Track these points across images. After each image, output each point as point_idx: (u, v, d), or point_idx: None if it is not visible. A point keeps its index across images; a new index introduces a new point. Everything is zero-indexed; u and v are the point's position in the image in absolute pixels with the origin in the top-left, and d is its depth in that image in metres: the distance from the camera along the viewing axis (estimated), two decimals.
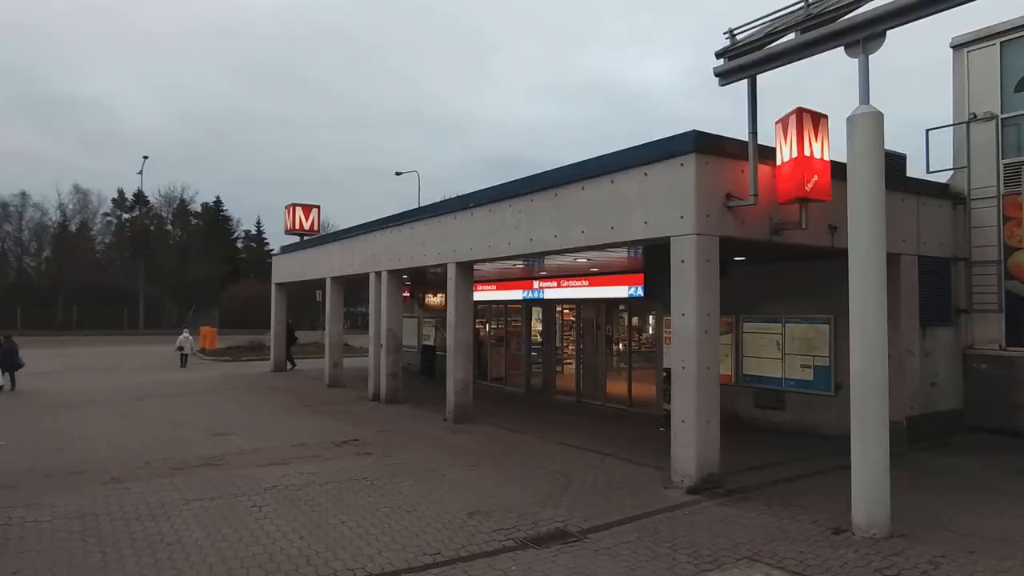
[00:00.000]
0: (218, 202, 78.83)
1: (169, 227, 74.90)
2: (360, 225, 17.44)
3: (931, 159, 12.04)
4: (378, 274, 16.19)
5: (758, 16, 7.95)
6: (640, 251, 13.01)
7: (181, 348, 26.06)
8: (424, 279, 21.25)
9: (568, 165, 10.32)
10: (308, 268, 20.98)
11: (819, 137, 8.42)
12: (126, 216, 71.48)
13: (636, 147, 9.08)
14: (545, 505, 7.55)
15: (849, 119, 6.77)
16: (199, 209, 76.45)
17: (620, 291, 15.58)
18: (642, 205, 8.83)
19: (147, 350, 35.68)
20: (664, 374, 13.39)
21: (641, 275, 15.05)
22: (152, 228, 72.23)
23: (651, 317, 15.60)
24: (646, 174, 8.78)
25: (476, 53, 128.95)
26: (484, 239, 12.09)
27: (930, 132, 12.02)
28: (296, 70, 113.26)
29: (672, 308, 8.39)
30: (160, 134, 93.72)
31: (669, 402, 13.29)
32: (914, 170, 11.86)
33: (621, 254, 13.06)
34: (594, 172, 9.62)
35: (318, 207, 23.69)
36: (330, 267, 19.11)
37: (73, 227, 68.16)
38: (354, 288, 25.27)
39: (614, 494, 8.02)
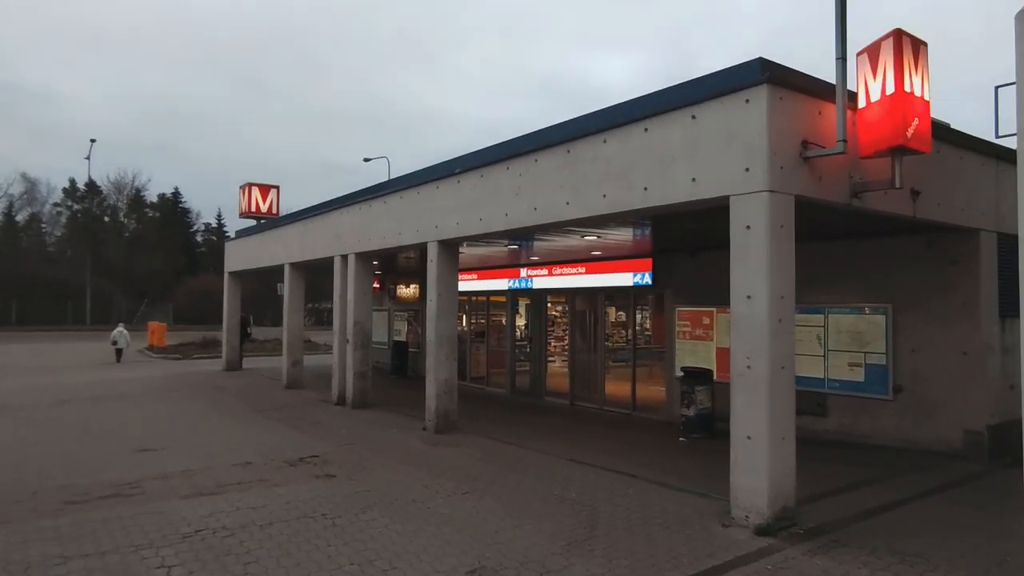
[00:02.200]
0: (176, 193, 75.20)
1: (123, 218, 71.05)
2: (324, 203, 15.18)
3: (1001, 121, 10.26)
4: (344, 258, 13.95)
5: None
6: (648, 231, 11.09)
7: (115, 342, 24.89)
8: (395, 267, 19.08)
9: (585, 114, 8.29)
10: (264, 254, 18.58)
11: (919, 70, 6.52)
12: (77, 207, 67.40)
13: (680, 84, 7.07)
14: (572, 555, 5.51)
15: (1021, 14, 4.84)
16: (155, 199, 72.81)
17: (623, 279, 13.66)
18: (688, 158, 6.83)
19: (89, 347, 32.68)
20: (681, 374, 11.50)
21: (649, 260, 13.16)
22: (106, 219, 68.41)
23: (639, 309, 13.69)
24: (694, 117, 6.78)
25: (432, 49, 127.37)
26: (474, 211, 9.99)
27: (1000, 89, 10.23)
28: (249, 64, 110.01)
29: (733, 290, 6.41)
30: (111, 127, 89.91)
31: (688, 407, 11.43)
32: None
33: (627, 236, 11.13)
34: (621, 120, 7.59)
35: (277, 187, 21.32)
36: (289, 252, 16.77)
37: (21, 218, 64.09)
38: (320, 281, 23.03)
39: (659, 536, 6.01)
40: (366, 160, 37.64)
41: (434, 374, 10.94)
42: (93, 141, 51.29)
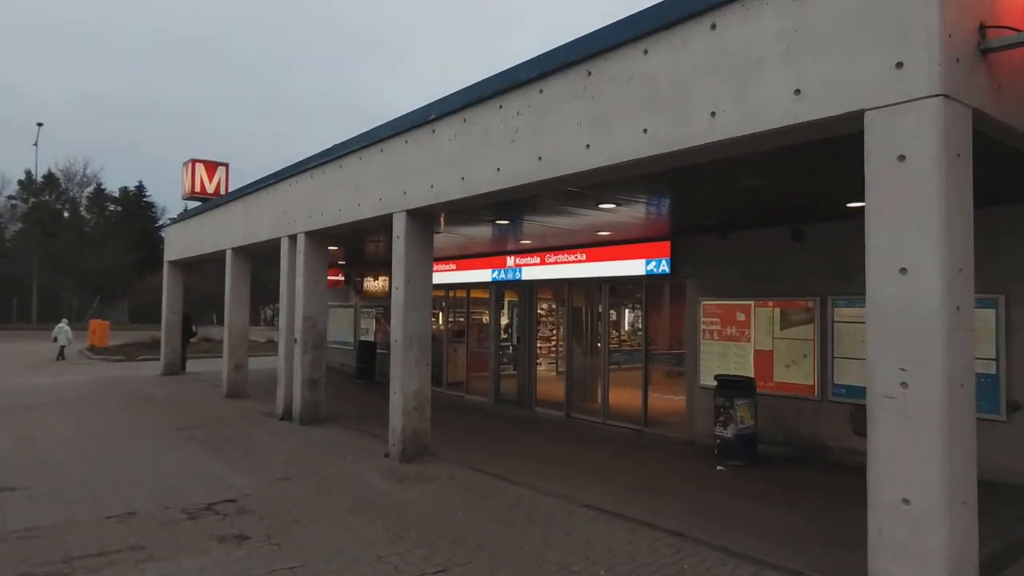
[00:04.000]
0: (140, 187, 71.45)
1: (84, 212, 67.31)
2: (271, 174, 12.56)
3: None
4: (292, 238, 11.37)
5: None
6: (666, 206, 8.75)
7: (55, 339, 23.80)
8: (362, 256, 16.53)
9: (614, 22, 5.84)
10: (205, 238, 15.86)
11: None
12: (34, 199, 63.38)
13: None
14: None
15: None
16: (116, 193, 69.05)
17: (633, 267, 11.29)
18: (787, 59, 4.43)
19: (27, 347, 29.51)
20: (714, 383, 9.14)
21: (666, 243, 10.81)
22: (67, 214, 64.74)
23: (652, 304, 11.32)
24: None
25: (400, 45, 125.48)
26: (454, 169, 7.51)
27: None
28: (214, 58, 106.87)
29: (871, 262, 4.02)
30: (74, 119, 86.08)
31: (725, 426, 9.04)
32: None
33: (650, 207, 8.78)
34: (672, 18, 5.17)
35: (225, 165, 18.60)
36: (231, 235, 14.10)
37: None
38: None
39: None
40: None
41: (401, 384, 8.43)
42: (40, 125, 47.92)
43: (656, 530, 5.74)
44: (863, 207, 7.76)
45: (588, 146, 5.83)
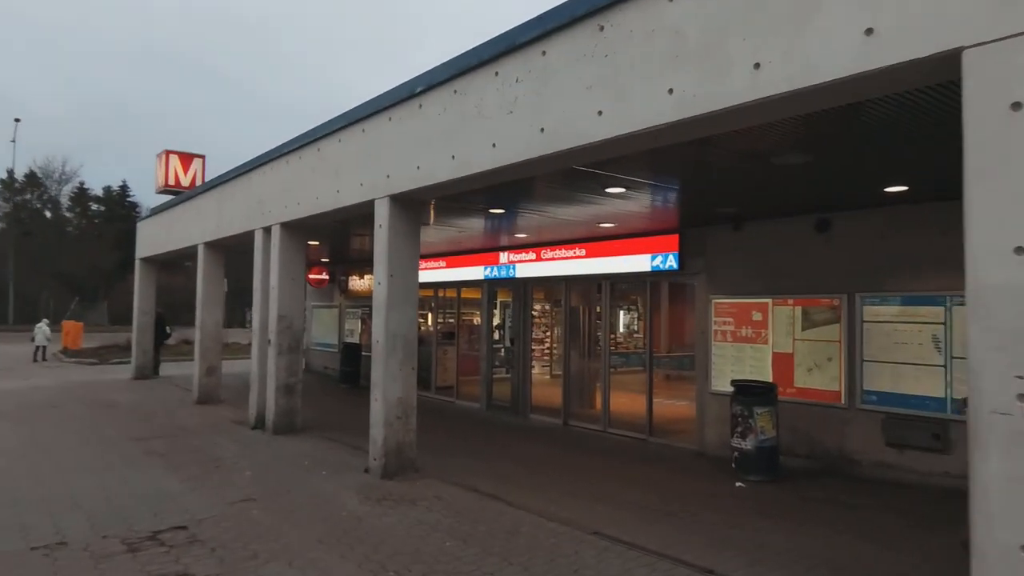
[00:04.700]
0: (124, 187, 69.93)
1: (67, 212, 65.89)
2: (245, 162, 11.60)
3: None
4: (267, 231, 10.43)
5: None
6: (681, 192, 7.92)
7: (33, 339, 23.67)
8: (347, 253, 15.61)
9: None
10: (176, 233, 14.84)
11: None
12: (17, 199, 61.86)
13: None
14: None
15: None
16: (100, 193, 67.61)
17: (637, 262, 10.45)
18: None
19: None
20: (732, 389, 8.28)
21: (674, 236, 9.98)
22: (48, 214, 63.34)
23: (657, 302, 10.46)
24: None
25: (391, 47, 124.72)
26: (443, 148, 6.61)
27: None
28: (203, 59, 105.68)
29: (971, 242, 3.16)
30: (59, 121, 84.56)
31: (743, 437, 8.19)
32: None
33: (661, 194, 7.94)
34: None
35: (202, 157, 17.59)
36: (203, 229, 13.11)
37: None
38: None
39: None
40: None
41: (382, 390, 7.54)
42: (17, 120, 46.86)
43: (680, 565, 4.86)
44: (904, 191, 6.93)
45: (600, 113, 4.96)
